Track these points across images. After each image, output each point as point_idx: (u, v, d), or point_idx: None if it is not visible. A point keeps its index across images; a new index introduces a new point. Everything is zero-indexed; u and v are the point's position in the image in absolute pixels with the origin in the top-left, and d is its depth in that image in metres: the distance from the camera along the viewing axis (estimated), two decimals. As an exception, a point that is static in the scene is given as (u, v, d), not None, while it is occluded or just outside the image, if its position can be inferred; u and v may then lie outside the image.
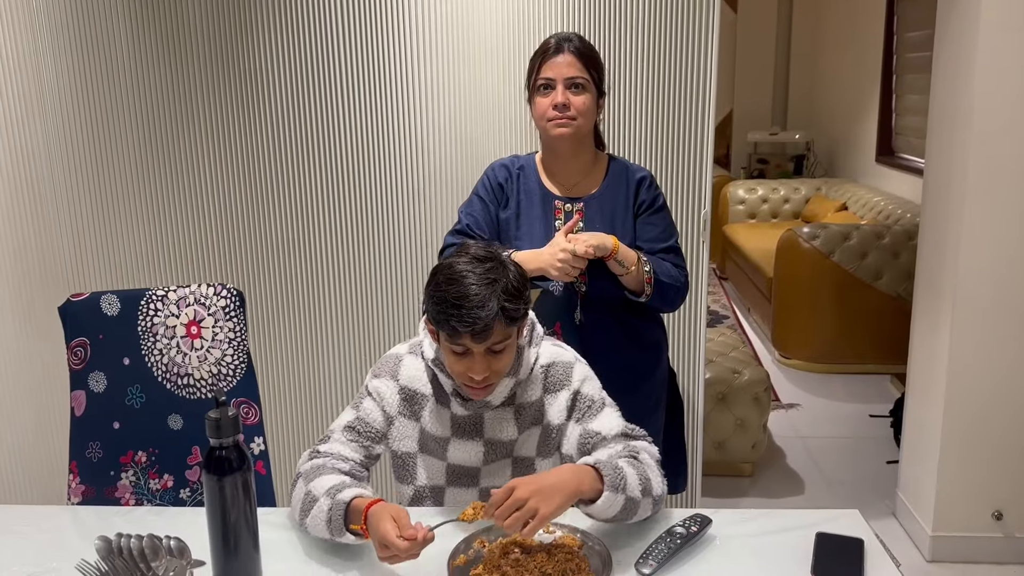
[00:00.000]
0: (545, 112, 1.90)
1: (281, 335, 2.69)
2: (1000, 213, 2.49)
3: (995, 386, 2.59)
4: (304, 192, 2.61)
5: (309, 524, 1.44)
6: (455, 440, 1.59)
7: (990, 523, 2.67)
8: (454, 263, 1.44)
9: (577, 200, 1.98)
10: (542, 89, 1.90)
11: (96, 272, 2.66)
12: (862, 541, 1.41)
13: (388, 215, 2.61)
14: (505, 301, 1.40)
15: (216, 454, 1.31)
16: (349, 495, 1.41)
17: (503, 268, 1.44)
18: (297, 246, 2.64)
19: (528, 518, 1.29)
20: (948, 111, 2.61)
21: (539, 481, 1.35)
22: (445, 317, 1.40)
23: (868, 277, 4.21)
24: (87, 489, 1.78)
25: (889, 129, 5.40)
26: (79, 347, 1.77)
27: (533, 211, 1.98)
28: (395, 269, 2.64)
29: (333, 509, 1.40)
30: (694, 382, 2.66)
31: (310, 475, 1.49)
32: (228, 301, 1.79)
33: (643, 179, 2.00)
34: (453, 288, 1.40)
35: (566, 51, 1.88)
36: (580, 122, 1.90)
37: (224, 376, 1.80)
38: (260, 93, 2.54)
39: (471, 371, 1.45)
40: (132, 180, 2.60)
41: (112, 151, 2.59)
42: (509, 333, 1.45)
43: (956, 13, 2.54)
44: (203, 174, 2.60)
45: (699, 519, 1.46)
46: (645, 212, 1.99)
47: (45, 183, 2.60)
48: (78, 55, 2.53)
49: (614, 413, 1.60)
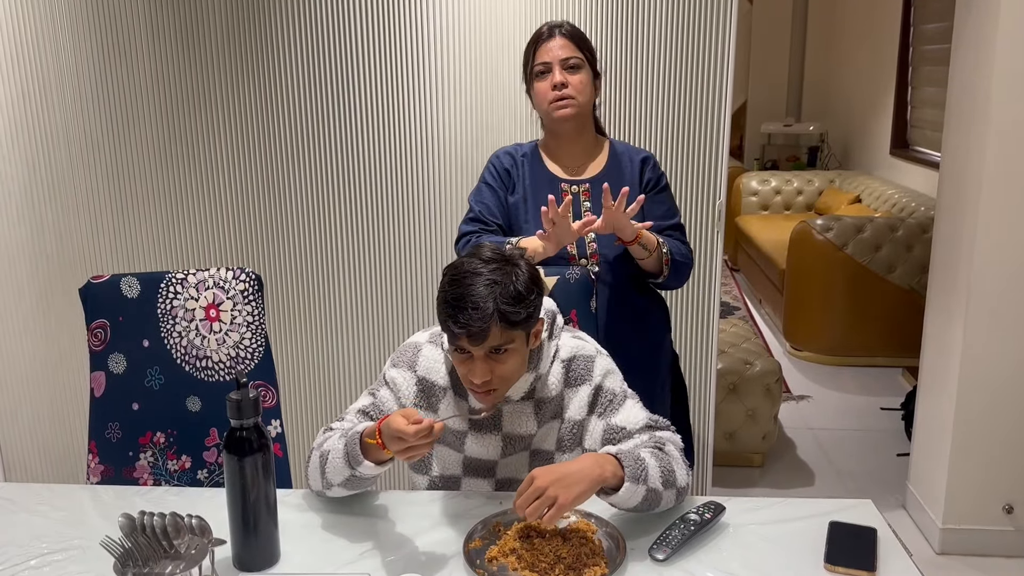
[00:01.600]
0: (545, 95, 1.95)
1: (299, 319, 2.70)
2: (1016, 208, 2.48)
3: (1007, 380, 2.59)
4: (323, 177, 2.62)
5: (329, 473, 1.47)
6: (472, 433, 1.59)
7: (1001, 516, 2.67)
8: (462, 263, 1.43)
9: (582, 181, 2.02)
10: (540, 75, 1.95)
11: (113, 254, 2.68)
12: (875, 530, 1.42)
13: (406, 201, 2.62)
14: (504, 304, 1.38)
15: (237, 435, 1.33)
16: (361, 427, 1.46)
17: (510, 271, 1.42)
18: (315, 231, 2.65)
19: (547, 506, 1.30)
20: (966, 105, 2.60)
21: (560, 470, 1.35)
22: (444, 318, 1.41)
23: (881, 270, 4.20)
24: (106, 469, 1.81)
25: (904, 122, 5.37)
26: (99, 328, 1.79)
27: (540, 195, 2.00)
28: (413, 255, 2.65)
29: (348, 444, 1.44)
30: (706, 373, 2.67)
31: (321, 444, 1.53)
32: (247, 285, 1.81)
33: (646, 159, 2.05)
34: (454, 289, 1.40)
35: (557, 35, 1.95)
36: (580, 100, 1.95)
37: (242, 359, 1.82)
38: (279, 79, 2.55)
39: (471, 374, 1.45)
40: (150, 163, 2.62)
41: (131, 134, 2.60)
42: (511, 337, 1.42)
43: (975, 5, 2.53)
44: (222, 157, 2.62)
45: (713, 506, 1.47)
46: (652, 191, 2.04)
47: (63, 165, 2.62)
48: (97, 39, 2.54)
49: (636, 405, 1.58)
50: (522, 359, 1.48)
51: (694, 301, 2.61)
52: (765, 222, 5.73)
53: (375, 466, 1.43)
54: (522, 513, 1.32)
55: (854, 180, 5.72)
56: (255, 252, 2.67)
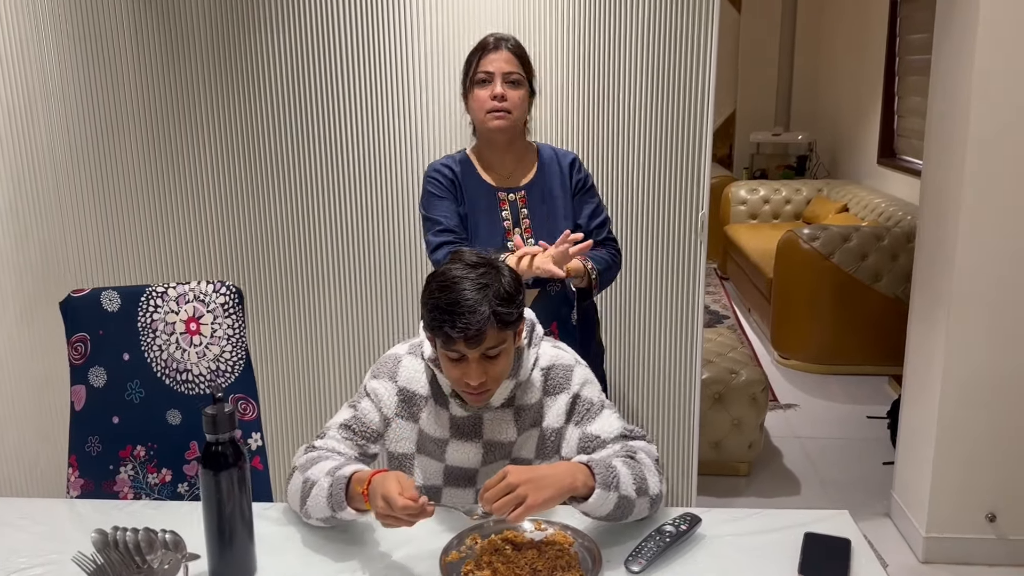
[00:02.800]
0: (483, 104, 2.01)
1: (280, 332, 2.71)
2: (997, 216, 2.50)
3: (990, 389, 2.60)
4: (305, 189, 2.62)
5: (310, 506, 1.46)
6: (454, 441, 1.60)
7: (983, 525, 2.68)
8: (448, 269, 1.45)
9: (518, 189, 2.09)
10: (481, 83, 2.02)
11: (96, 266, 2.68)
12: (849, 541, 1.43)
13: (387, 213, 2.63)
14: (498, 305, 1.42)
15: (212, 449, 1.33)
16: (350, 470, 1.45)
17: (496, 273, 1.46)
18: (297, 243, 2.66)
19: (517, 504, 1.31)
20: (946, 115, 2.62)
21: (533, 472, 1.37)
22: (439, 324, 1.42)
23: (867, 279, 4.22)
24: (86, 483, 1.81)
25: (891, 131, 5.41)
26: (79, 342, 1.79)
27: (479, 205, 2.07)
28: (394, 267, 2.66)
29: (334, 485, 1.43)
30: (690, 382, 2.67)
31: (306, 467, 1.52)
32: (227, 298, 1.81)
33: (573, 161, 2.15)
34: (446, 295, 1.41)
35: (503, 48, 2.02)
36: (515, 115, 2.03)
37: (222, 372, 1.82)
38: (262, 90, 2.56)
39: (467, 377, 1.47)
40: (135, 174, 2.62)
41: (115, 145, 2.61)
42: (504, 338, 1.46)
43: (955, 17, 2.55)
44: (206, 168, 2.62)
45: (689, 518, 1.48)
46: (581, 191, 2.14)
47: (47, 176, 2.62)
48: (81, 49, 2.55)
49: (612, 415, 1.60)
50: (511, 358, 1.52)
51: (678, 311, 2.62)
52: (753, 231, 5.76)
53: (356, 513, 1.43)
54: (488, 507, 1.33)
55: (842, 189, 5.75)
56: (239, 263, 2.68)
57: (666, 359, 2.65)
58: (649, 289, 2.61)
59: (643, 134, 2.52)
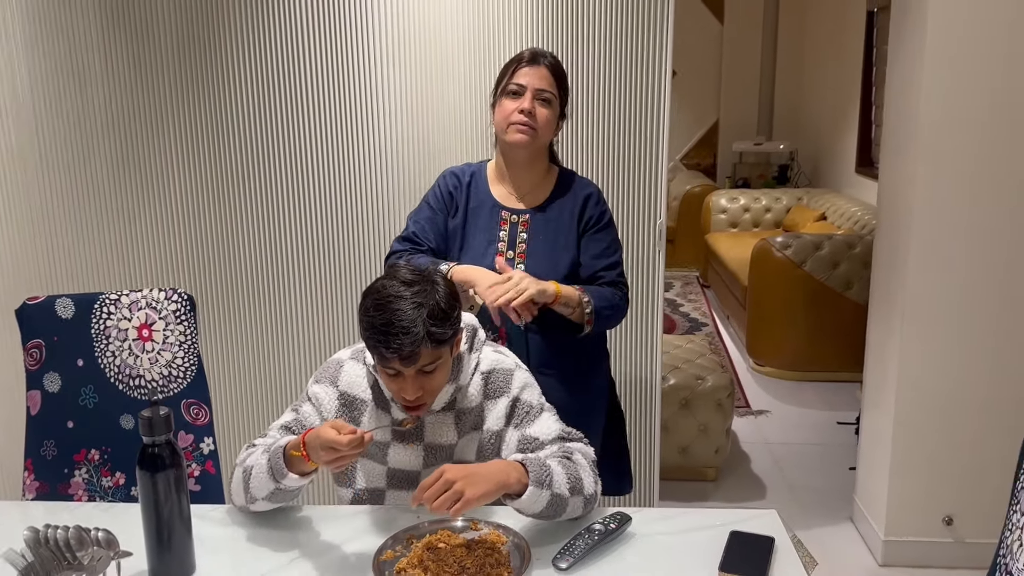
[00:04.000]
0: (509, 115, 1.92)
1: (233, 338, 2.74)
2: (946, 226, 2.55)
3: (943, 394, 2.64)
4: (265, 200, 2.66)
5: (253, 487, 1.51)
6: (395, 444, 1.64)
7: (941, 528, 2.72)
8: (383, 287, 1.46)
9: (523, 212, 2.01)
10: (512, 94, 1.93)
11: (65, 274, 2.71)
12: (773, 540, 1.46)
13: (343, 223, 2.67)
14: (432, 326, 1.43)
15: (149, 451, 1.37)
16: (284, 442, 1.49)
17: (431, 290, 1.46)
18: (250, 251, 2.69)
19: (454, 500, 1.35)
20: (899, 126, 2.68)
21: (468, 468, 1.41)
22: (374, 343, 1.44)
23: (839, 286, 4.26)
24: (41, 486, 1.84)
25: (869, 140, 5.46)
26: (35, 348, 1.83)
27: (479, 221, 2.01)
28: (344, 274, 2.70)
29: (272, 459, 1.48)
30: (651, 388, 2.71)
31: (244, 460, 1.57)
32: (179, 305, 1.85)
33: (590, 196, 2.02)
34: (380, 315, 1.43)
35: (542, 64, 1.94)
36: (539, 133, 1.93)
37: (175, 378, 1.86)
38: (228, 105, 2.61)
39: (403, 392, 1.50)
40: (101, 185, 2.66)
41: (82, 160, 2.65)
42: (439, 354, 1.48)
43: (906, 30, 2.60)
44: (170, 183, 2.66)
45: (619, 517, 1.51)
46: (591, 229, 2.01)
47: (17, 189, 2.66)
48: (49, 62, 2.59)
49: (551, 417, 1.64)
50: (448, 370, 1.54)
51: (638, 318, 2.66)
52: (733, 239, 5.81)
53: (299, 478, 1.48)
54: (429, 505, 1.36)
55: (821, 198, 5.80)
56: (192, 271, 2.70)
57: (627, 365, 2.69)
58: (609, 296, 2.65)
59: (600, 142, 2.57)
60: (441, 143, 2.60)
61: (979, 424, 2.64)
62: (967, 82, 2.46)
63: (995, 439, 2.64)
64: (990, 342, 2.59)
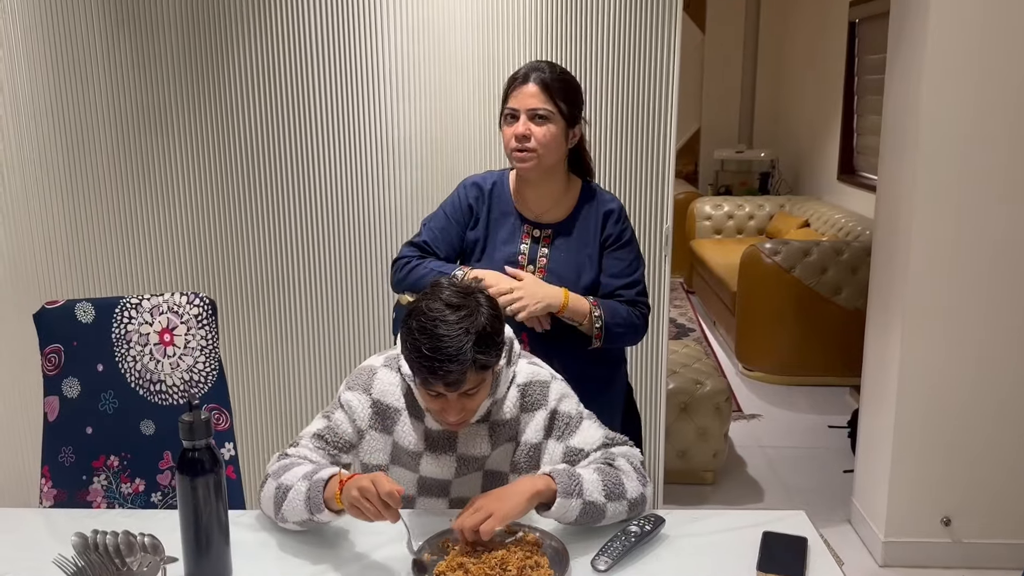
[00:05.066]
0: (508, 142, 1.91)
1: (254, 343, 2.73)
2: (947, 229, 2.60)
3: (943, 396, 2.69)
4: (277, 201, 2.66)
5: (286, 510, 1.49)
6: (428, 454, 1.63)
7: (939, 529, 2.77)
8: (428, 308, 1.44)
9: (545, 227, 1.99)
10: (508, 118, 1.91)
11: (68, 279, 2.69)
12: (806, 539, 1.49)
13: (361, 225, 2.67)
14: (478, 353, 1.42)
15: (189, 455, 1.36)
16: (327, 474, 1.47)
17: (476, 313, 1.45)
18: (271, 255, 2.69)
19: (484, 518, 1.38)
20: (898, 131, 2.73)
21: (495, 491, 1.45)
22: (418, 367, 1.43)
23: (828, 292, 4.33)
24: (59, 493, 1.82)
25: (851, 148, 5.55)
26: (53, 353, 1.81)
27: (501, 232, 2.00)
28: (366, 279, 2.70)
29: (312, 488, 1.46)
30: (656, 393, 2.74)
31: (279, 473, 1.54)
32: (200, 309, 1.84)
33: (610, 212, 1.99)
34: (426, 339, 1.41)
35: (531, 82, 1.88)
36: (542, 153, 1.88)
37: (196, 383, 1.84)
38: (235, 104, 2.60)
39: (445, 413, 1.50)
40: (105, 188, 2.64)
41: (85, 158, 2.62)
42: (483, 377, 1.48)
43: (905, 37, 2.66)
44: (176, 182, 2.65)
45: (653, 518, 1.53)
46: (612, 247, 1.99)
47: (17, 189, 2.63)
48: (52, 64, 2.57)
49: (592, 425, 1.64)
50: (488, 387, 1.54)
51: (643, 323, 2.69)
52: (718, 246, 5.86)
53: (332, 515, 1.47)
54: (459, 529, 1.39)
55: (803, 205, 5.88)
56: (211, 276, 2.70)
57: (632, 370, 2.70)
58: (615, 301, 2.67)
59: (607, 150, 2.59)
60: (450, 143, 2.61)
61: (977, 426, 2.70)
62: (966, 88, 2.51)
63: (992, 440, 2.70)
64: (988, 345, 2.65)
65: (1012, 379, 2.66)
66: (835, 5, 5.63)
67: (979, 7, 2.46)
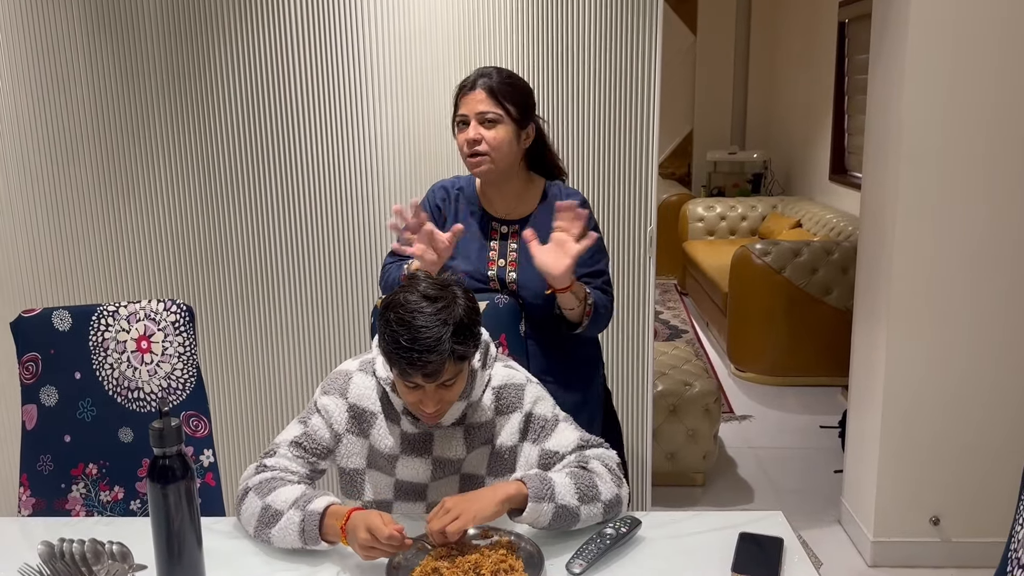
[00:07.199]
0: (462, 148, 1.95)
1: (232, 349, 2.73)
2: (930, 229, 2.60)
3: (929, 396, 2.69)
4: (259, 208, 2.66)
5: (275, 536, 1.48)
6: (404, 457, 1.63)
7: (928, 528, 2.76)
8: (406, 300, 1.45)
9: (512, 223, 2.03)
10: (459, 125, 1.95)
11: (51, 287, 2.68)
12: (782, 540, 1.48)
13: (340, 231, 2.67)
14: (456, 344, 1.43)
15: (160, 463, 1.35)
16: (322, 504, 1.47)
17: (454, 305, 1.46)
18: (251, 262, 2.69)
19: (452, 520, 1.39)
20: (882, 132, 2.73)
21: (466, 495, 1.46)
22: (396, 359, 1.44)
23: (818, 292, 4.32)
24: (37, 502, 1.81)
25: (842, 148, 5.55)
26: (30, 362, 1.81)
27: (471, 230, 2.02)
28: (344, 285, 2.70)
29: (307, 520, 1.46)
30: (642, 395, 2.73)
31: (262, 489, 1.53)
32: (178, 316, 1.84)
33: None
34: (404, 331, 1.42)
35: (478, 87, 1.91)
36: (494, 156, 1.92)
37: (174, 390, 1.84)
38: (215, 111, 2.60)
39: (423, 404, 1.50)
40: (87, 195, 2.64)
41: (67, 166, 2.62)
42: (460, 368, 1.49)
43: (887, 39, 2.66)
44: (158, 190, 2.64)
45: (629, 520, 1.52)
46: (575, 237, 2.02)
47: None
48: (33, 71, 2.57)
49: (568, 427, 1.64)
50: (465, 379, 1.55)
51: (630, 324, 2.68)
52: (711, 247, 5.86)
53: (327, 545, 1.48)
54: (430, 532, 1.40)
55: (795, 205, 5.88)
56: (192, 283, 2.70)
57: (618, 372, 2.70)
58: (600, 303, 2.67)
59: (590, 152, 2.59)
60: (431, 150, 2.61)
61: (964, 425, 2.70)
62: (948, 87, 2.51)
63: (979, 439, 2.69)
64: (975, 344, 2.65)
65: (997, 378, 2.66)
66: (825, 5, 5.64)
67: (958, 8, 2.46)
